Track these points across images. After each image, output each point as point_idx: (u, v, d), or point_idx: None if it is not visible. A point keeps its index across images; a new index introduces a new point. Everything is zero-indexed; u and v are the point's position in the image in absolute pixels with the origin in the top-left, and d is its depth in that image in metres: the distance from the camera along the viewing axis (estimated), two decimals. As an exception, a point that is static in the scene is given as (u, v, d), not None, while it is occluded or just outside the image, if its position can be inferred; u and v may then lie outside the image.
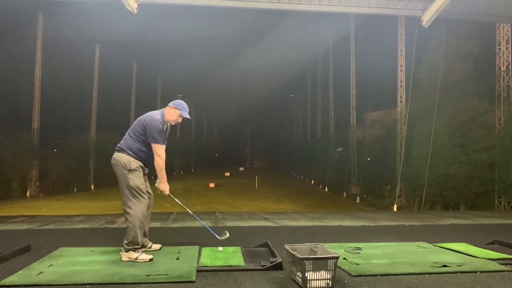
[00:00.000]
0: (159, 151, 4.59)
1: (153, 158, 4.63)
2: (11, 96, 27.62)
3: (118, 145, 4.66)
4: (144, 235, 4.76)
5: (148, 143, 4.59)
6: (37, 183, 27.39)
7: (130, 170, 4.52)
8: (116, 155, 4.60)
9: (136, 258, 4.37)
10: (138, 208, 4.49)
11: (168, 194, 4.84)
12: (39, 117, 27.97)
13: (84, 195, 27.04)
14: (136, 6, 9.79)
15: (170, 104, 4.81)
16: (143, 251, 4.52)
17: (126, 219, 4.53)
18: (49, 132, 29.93)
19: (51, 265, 4.22)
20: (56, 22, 26.97)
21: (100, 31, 28.92)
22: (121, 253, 4.49)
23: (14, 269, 4.00)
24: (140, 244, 4.52)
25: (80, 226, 7.71)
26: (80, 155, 30.91)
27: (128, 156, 4.55)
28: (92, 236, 6.41)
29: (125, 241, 4.45)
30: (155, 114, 4.67)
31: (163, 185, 4.74)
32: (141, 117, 4.71)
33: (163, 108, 4.84)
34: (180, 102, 4.82)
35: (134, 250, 4.43)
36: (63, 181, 29.51)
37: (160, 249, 4.95)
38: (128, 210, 4.49)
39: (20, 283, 3.58)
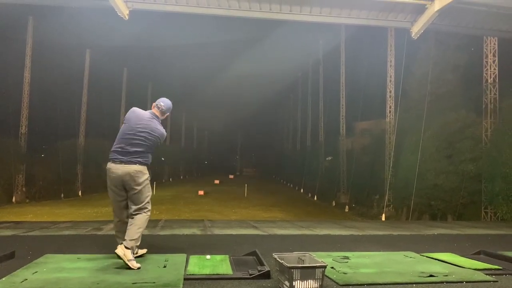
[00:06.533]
0: None
1: None
2: (-2, 100, 27.23)
3: (141, 159, 4.75)
4: None
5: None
6: (24, 189, 26.92)
7: (149, 181, 4.98)
8: (140, 167, 4.72)
9: (129, 260, 4.32)
10: (148, 216, 4.81)
11: None
12: (27, 121, 27.63)
13: (71, 201, 26.69)
14: (127, 12, 9.83)
15: (164, 108, 5.11)
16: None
17: (132, 224, 4.59)
18: (37, 137, 29.49)
19: (36, 272, 4.16)
20: (46, 27, 26.72)
21: (91, 37, 28.80)
22: (120, 245, 4.40)
23: (-2, 276, 3.93)
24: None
25: (67, 232, 7.61)
26: (68, 160, 30.53)
27: (147, 170, 4.88)
28: (78, 243, 6.33)
29: (130, 238, 4.44)
30: (160, 128, 4.97)
31: None
32: (153, 134, 4.83)
33: (153, 111, 5.05)
34: (169, 106, 5.20)
35: (133, 252, 4.44)
36: (50, 187, 29.04)
37: (145, 253, 4.97)
38: (145, 215, 4.72)
39: (3, 290, 3.53)
